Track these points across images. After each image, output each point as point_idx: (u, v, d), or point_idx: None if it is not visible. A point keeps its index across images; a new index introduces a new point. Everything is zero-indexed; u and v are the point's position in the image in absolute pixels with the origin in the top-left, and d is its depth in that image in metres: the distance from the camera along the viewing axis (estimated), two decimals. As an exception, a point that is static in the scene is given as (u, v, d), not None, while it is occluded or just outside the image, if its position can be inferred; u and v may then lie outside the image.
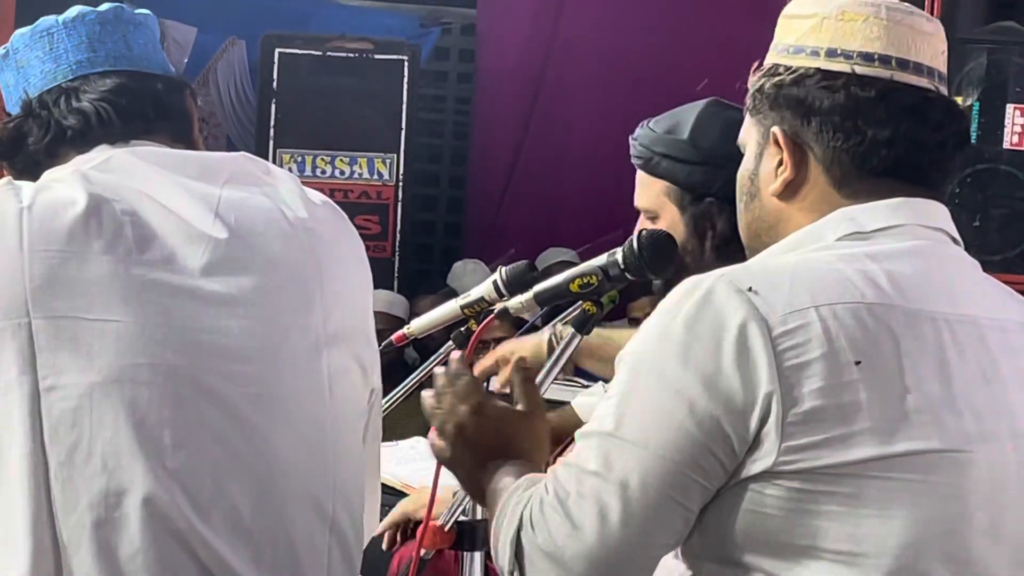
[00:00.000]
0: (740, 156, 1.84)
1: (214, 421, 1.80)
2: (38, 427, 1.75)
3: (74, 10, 2.02)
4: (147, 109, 1.98)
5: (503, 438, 1.84)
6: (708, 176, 2.67)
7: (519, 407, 1.87)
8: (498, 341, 5.12)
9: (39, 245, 1.78)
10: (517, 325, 4.81)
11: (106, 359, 1.77)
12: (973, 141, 4.31)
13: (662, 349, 1.67)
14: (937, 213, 1.78)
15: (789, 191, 1.79)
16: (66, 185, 1.85)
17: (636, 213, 2.92)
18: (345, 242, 2.01)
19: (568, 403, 3.88)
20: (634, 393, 1.68)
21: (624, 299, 2.91)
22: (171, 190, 1.87)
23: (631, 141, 2.78)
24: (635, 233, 2.11)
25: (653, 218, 2.76)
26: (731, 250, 2.56)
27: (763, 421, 1.61)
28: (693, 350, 1.64)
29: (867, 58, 1.76)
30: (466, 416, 1.84)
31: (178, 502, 1.76)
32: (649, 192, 2.72)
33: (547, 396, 2.45)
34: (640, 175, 2.77)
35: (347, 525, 1.92)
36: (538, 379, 2.10)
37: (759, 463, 1.61)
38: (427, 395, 1.88)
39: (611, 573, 1.67)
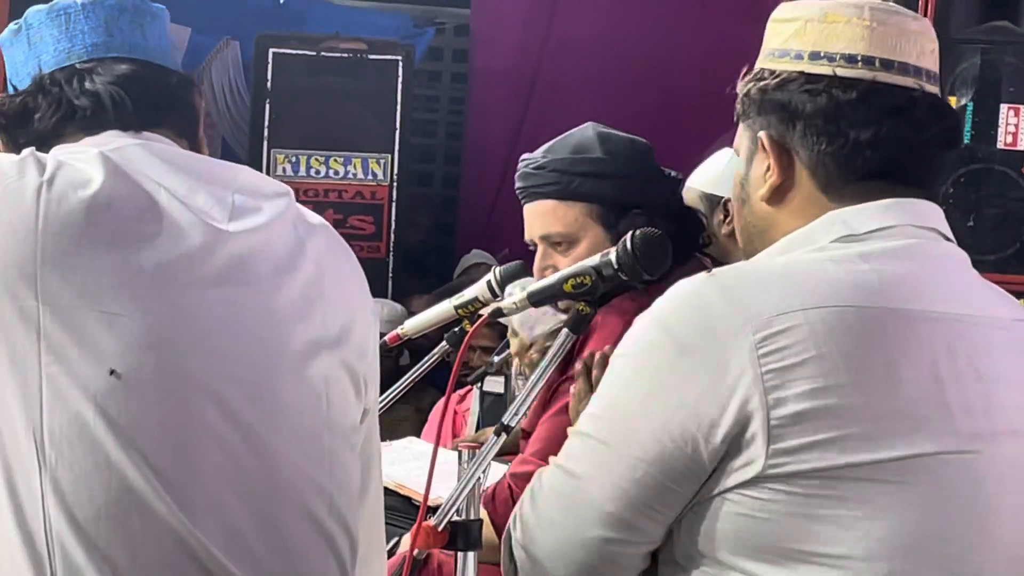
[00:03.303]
0: (649, 171, 1.84)
1: (218, 425, 1.79)
2: (38, 417, 1.72)
3: None
4: (160, 100, 1.96)
5: None
6: (632, 189, 2.73)
7: None
8: (485, 349, 5.14)
9: (54, 227, 1.74)
10: (503, 335, 4.82)
11: (112, 353, 1.74)
12: (967, 141, 4.31)
13: (638, 350, 1.69)
14: (929, 213, 1.78)
15: (777, 196, 1.79)
16: (87, 165, 1.81)
17: None
18: (346, 263, 2.01)
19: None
20: (607, 393, 1.72)
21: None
22: (188, 186, 1.86)
23: (529, 173, 2.81)
24: (629, 232, 2.11)
25: (571, 243, 2.77)
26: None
27: (740, 426, 1.61)
28: (667, 353, 1.65)
29: (850, 60, 1.76)
30: None
31: (176, 505, 1.74)
32: (564, 219, 2.78)
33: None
34: (545, 205, 2.81)
35: (341, 536, 1.91)
36: (532, 379, 2.10)
37: (749, 469, 1.61)
38: (572, 391, 1.93)
39: (579, 569, 1.69)
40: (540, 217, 2.83)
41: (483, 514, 2.69)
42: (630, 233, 2.10)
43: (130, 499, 1.73)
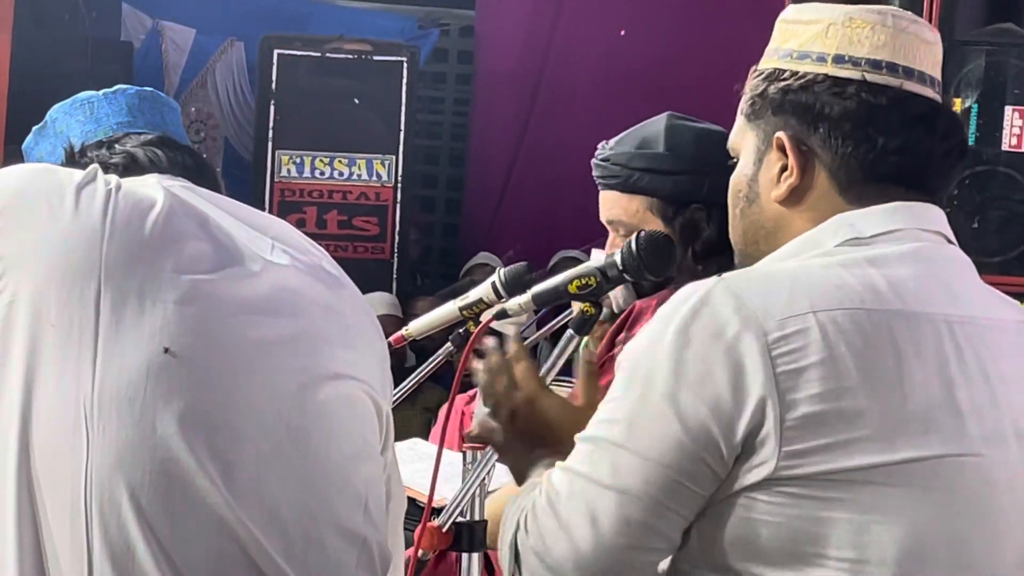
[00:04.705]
0: (720, 162, 1.83)
1: (264, 414, 1.84)
2: (89, 387, 1.77)
3: (113, 87, 2.13)
4: (188, 162, 2.07)
5: (554, 432, 1.85)
6: (694, 184, 2.73)
7: (579, 401, 1.89)
8: (479, 354, 5.12)
9: (120, 227, 1.83)
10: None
11: (167, 333, 1.80)
12: (971, 143, 4.31)
13: (654, 355, 1.67)
14: (934, 216, 1.78)
15: (794, 197, 1.78)
16: (148, 189, 1.91)
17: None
18: (373, 319, 2.08)
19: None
20: (626, 398, 1.68)
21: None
22: (231, 222, 1.95)
23: (598, 163, 2.85)
24: (633, 235, 2.11)
25: (633, 232, 2.81)
26: (713, 255, 2.57)
27: (756, 427, 1.60)
28: (683, 356, 1.64)
29: (875, 65, 1.76)
30: (521, 404, 1.87)
31: (219, 482, 1.79)
32: (627, 209, 2.80)
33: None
34: (611, 195, 2.84)
35: (373, 540, 1.93)
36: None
37: (760, 470, 1.61)
38: (480, 370, 1.90)
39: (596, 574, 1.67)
40: (606, 205, 2.90)
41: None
42: (635, 234, 2.11)
43: (174, 471, 1.78)
